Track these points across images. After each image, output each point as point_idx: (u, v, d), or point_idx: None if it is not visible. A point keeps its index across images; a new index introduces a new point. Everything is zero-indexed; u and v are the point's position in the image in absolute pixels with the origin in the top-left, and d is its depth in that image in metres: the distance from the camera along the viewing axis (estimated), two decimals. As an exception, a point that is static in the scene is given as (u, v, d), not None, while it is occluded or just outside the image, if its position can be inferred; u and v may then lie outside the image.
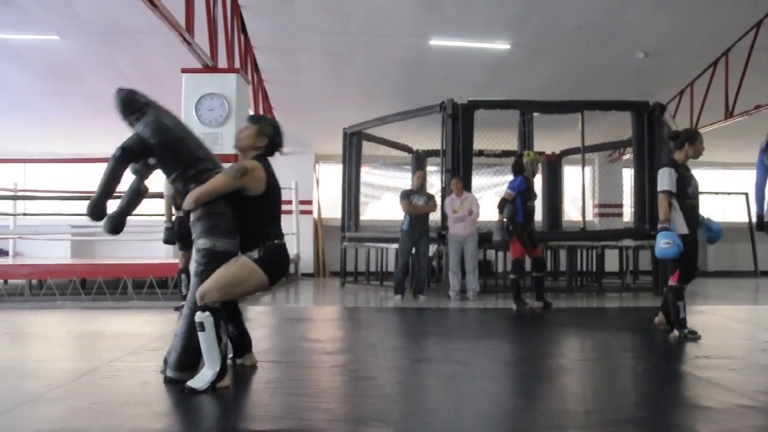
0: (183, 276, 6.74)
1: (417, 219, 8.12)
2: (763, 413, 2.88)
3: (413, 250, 8.16)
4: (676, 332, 4.87)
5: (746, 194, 14.11)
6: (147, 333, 5.25)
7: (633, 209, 9.28)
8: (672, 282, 4.98)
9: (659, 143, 8.84)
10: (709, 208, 14.52)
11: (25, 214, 10.95)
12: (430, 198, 8.33)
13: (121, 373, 3.61)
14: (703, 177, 15.09)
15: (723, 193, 14.80)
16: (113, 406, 2.86)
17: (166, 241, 6.72)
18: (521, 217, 6.90)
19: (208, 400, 2.95)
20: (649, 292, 8.83)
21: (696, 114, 10.94)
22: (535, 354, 4.45)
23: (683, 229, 4.88)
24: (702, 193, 14.71)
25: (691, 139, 5.18)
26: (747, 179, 14.14)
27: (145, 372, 3.63)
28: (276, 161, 12.93)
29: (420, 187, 8.35)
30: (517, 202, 6.87)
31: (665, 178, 4.96)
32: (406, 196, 8.18)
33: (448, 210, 8.17)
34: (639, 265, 10.24)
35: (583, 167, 9.28)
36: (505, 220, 6.96)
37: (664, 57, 10.05)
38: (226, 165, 7.40)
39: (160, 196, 7.04)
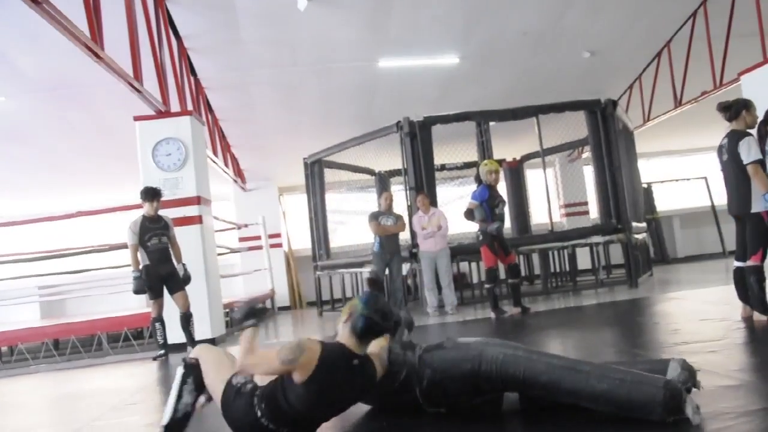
0: (157, 324, 6.65)
1: (387, 240, 8.13)
2: (745, 391, 2.93)
3: (387, 271, 8.17)
4: (764, 317, 4.63)
5: (705, 178, 14.42)
6: (127, 387, 5.14)
7: (598, 205, 9.42)
8: (755, 261, 4.65)
9: (615, 138, 9.01)
10: (672, 196, 14.86)
11: (-12, 281, 10.67)
12: (399, 218, 8.35)
13: (104, 431, 3.52)
14: (661, 166, 15.56)
15: (683, 180, 15.11)
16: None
17: (136, 291, 6.61)
18: (491, 221, 6.92)
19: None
20: (623, 285, 8.93)
21: (647, 106, 11.19)
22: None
23: None
24: (663, 181, 15.09)
25: (747, 105, 4.73)
26: (704, 163, 14.49)
27: (129, 427, 3.54)
28: (241, 198, 12.87)
29: (388, 208, 8.37)
30: (486, 211, 6.91)
31: (752, 148, 4.54)
32: (374, 217, 8.19)
33: (417, 227, 8.19)
34: (611, 260, 10.37)
35: (544, 170, 9.39)
36: (479, 224, 6.98)
37: (610, 54, 10.30)
38: (187, 209, 7.40)
39: (124, 246, 6.95)
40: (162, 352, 6.59)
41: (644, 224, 10.57)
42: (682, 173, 15.40)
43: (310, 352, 2.42)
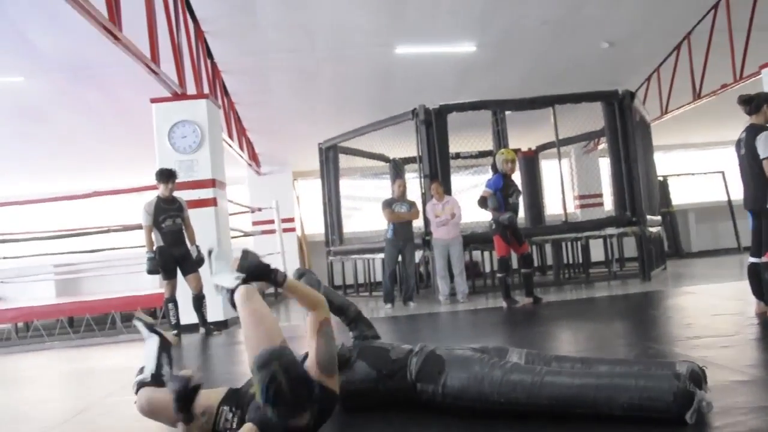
0: (170, 305, 6.72)
1: (401, 227, 8.13)
2: (757, 386, 2.92)
3: (399, 258, 8.19)
4: None
5: (723, 173, 14.29)
6: (138, 366, 5.19)
7: (613, 197, 9.36)
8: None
9: (632, 130, 8.94)
10: (688, 190, 14.75)
11: (5, 258, 10.80)
12: (412, 205, 8.34)
13: (115, 409, 3.56)
14: (678, 159, 15.42)
15: (700, 173, 14.98)
16: (110, 443, 2.82)
17: (150, 271, 6.69)
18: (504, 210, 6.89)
19: None
20: (635, 278, 8.89)
21: (665, 98, 11.09)
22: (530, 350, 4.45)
23: None
24: (679, 175, 14.99)
25: None
26: (722, 157, 14.35)
27: (140, 405, 3.58)
28: (255, 182, 12.95)
29: (401, 196, 8.36)
30: (499, 200, 6.88)
31: None
32: (388, 204, 8.19)
33: (431, 215, 8.18)
34: (624, 252, 10.33)
35: (560, 160, 9.35)
36: (492, 213, 6.95)
37: (629, 45, 10.20)
38: (202, 192, 7.44)
39: (139, 227, 7.01)
40: (175, 332, 6.66)
41: (659, 218, 10.51)
42: (698, 167, 15.26)
43: None
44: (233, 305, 2.72)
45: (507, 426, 2.50)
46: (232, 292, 2.71)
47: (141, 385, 2.79)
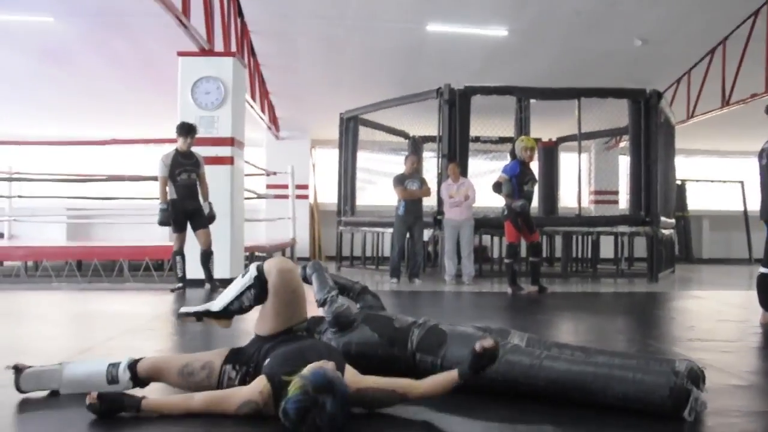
0: (178, 258, 6.77)
1: (412, 204, 8.13)
2: (754, 392, 2.92)
3: (408, 235, 8.21)
4: None
5: (742, 182, 14.15)
6: (143, 313, 5.27)
7: (629, 196, 9.30)
8: None
9: (655, 131, 8.85)
10: (705, 196, 14.63)
11: (20, 197, 10.93)
12: (423, 182, 8.34)
13: (116, 352, 3.60)
14: (698, 165, 15.27)
15: (719, 181, 14.85)
16: (106, 384, 2.85)
17: (161, 223, 6.73)
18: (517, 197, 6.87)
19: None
20: (643, 277, 8.87)
21: (693, 102, 10.96)
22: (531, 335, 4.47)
23: None
24: (698, 180, 14.85)
25: None
26: (743, 167, 14.20)
27: (140, 351, 3.62)
28: (272, 146, 13.00)
29: (413, 172, 8.34)
30: (514, 186, 6.85)
31: None
32: (400, 181, 8.17)
33: (445, 195, 8.18)
34: (634, 252, 10.28)
35: (579, 154, 9.28)
36: (505, 198, 6.93)
37: (662, 45, 10.05)
38: (220, 150, 7.44)
39: (154, 178, 7.05)
40: (180, 285, 6.72)
41: (673, 221, 10.44)
42: (718, 175, 15.12)
43: (266, 409, 2.24)
44: (257, 299, 2.67)
45: (501, 405, 2.52)
46: (258, 271, 2.67)
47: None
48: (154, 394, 2.46)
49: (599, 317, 5.54)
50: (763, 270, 4.73)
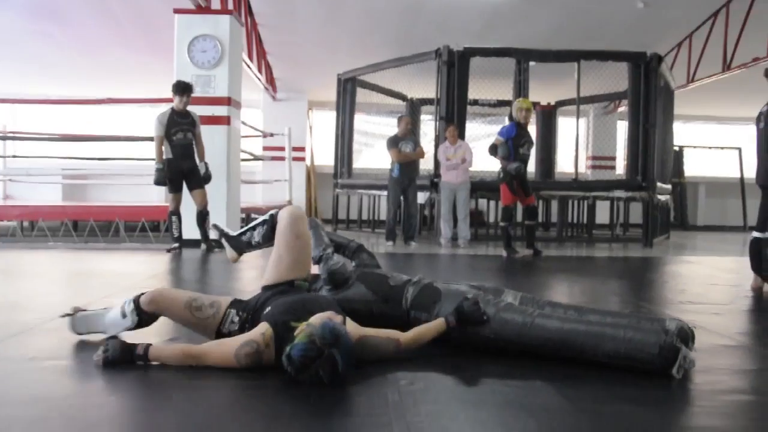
0: (174, 218, 6.78)
1: (406, 166, 8.12)
2: (742, 352, 2.97)
3: (402, 197, 8.21)
4: None
5: (739, 149, 14.14)
6: (140, 272, 5.29)
7: (626, 161, 9.29)
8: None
9: (655, 95, 8.80)
10: (702, 163, 14.63)
11: (15, 156, 10.87)
12: (417, 144, 8.32)
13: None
14: (696, 131, 15.22)
15: (716, 148, 14.83)
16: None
17: (157, 182, 6.73)
18: (513, 160, 6.86)
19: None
20: (638, 243, 8.91)
21: (693, 66, 10.87)
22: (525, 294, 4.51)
23: None
24: (696, 146, 14.80)
25: None
26: (741, 134, 14.18)
27: (137, 307, 3.66)
28: (269, 107, 12.86)
29: (406, 133, 8.30)
30: (510, 149, 6.84)
31: None
32: (394, 143, 8.14)
33: (442, 157, 8.16)
34: (629, 218, 10.31)
35: (578, 118, 9.25)
36: (500, 161, 6.93)
37: (664, 7, 9.91)
38: (216, 109, 7.39)
39: (150, 139, 7.01)
40: (176, 245, 6.74)
41: (669, 187, 10.45)
42: (716, 141, 15.08)
43: (265, 362, 2.27)
44: (267, 238, 2.87)
45: (493, 362, 2.55)
46: (272, 217, 2.86)
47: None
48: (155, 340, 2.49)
49: (593, 280, 5.59)
50: (755, 234, 4.75)
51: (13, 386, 2.20)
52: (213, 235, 3.16)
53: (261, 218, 2.99)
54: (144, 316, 2.61)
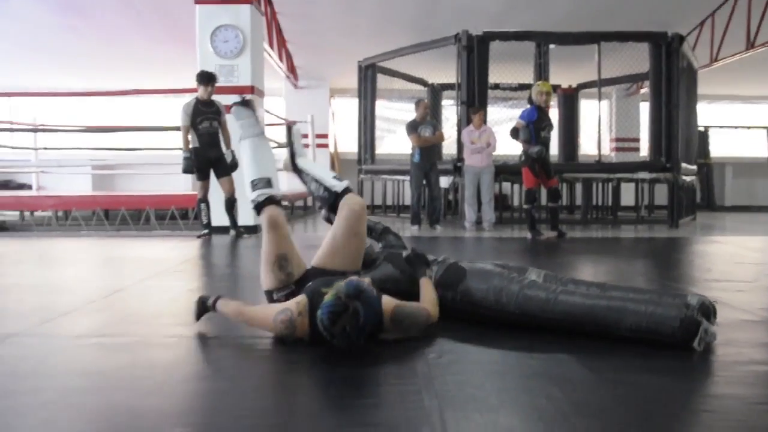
0: (203, 206, 6.92)
1: (426, 150, 8.17)
2: (763, 326, 3.00)
3: (425, 182, 8.28)
4: None
5: (767, 128, 13.95)
6: (172, 257, 5.44)
7: (649, 142, 9.24)
8: None
9: (677, 75, 8.74)
10: (729, 143, 14.46)
11: (45, 149, 11.11)
12: (436, 127, 8.36)
13: (151, 290, 3.78)
14: (722, 111, 15.04)
15: (743, 127, 14.64)
16: (147, 317, 3.03)
17: (185, 171, 6.86)
18: (534, 143, 6.89)
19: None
20: (663, 224, 8.89)
21: (716, 46, 10.75)
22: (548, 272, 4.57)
23: None
24: (721, 127, 14.61)
25: None
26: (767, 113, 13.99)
27: (173, 289, 3.80)
28: (291, 95, 12.94)
29: (424, 117, 8.34)
30: (531, 132, 6.87)
31: None
32: (413, 128, 8.17)
33: (466, 141, 8.20)
34: (654, 199, 10.28)
35: (600, 100, 9.21)
36: (522, 144, 6.97)
37: (686, -15, 9.83)
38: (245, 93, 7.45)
39: (176, 128, 7.15)
40: (206, 231, 6.89)
41: (695, 167, 10.38)
42: (742, 121, 14.89)
43: (301, 330, 2.39)
44: (329, 206, 2.87)
45: (518, 337, 2.63)
46: (336, 194, 2.84)
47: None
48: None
49: (618, 260, 5.62)
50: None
51: (65, 360, 2.35)
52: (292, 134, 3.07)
53: (329, 180, 2.91)
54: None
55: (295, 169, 3.03)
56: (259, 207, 2.76)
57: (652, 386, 2.08)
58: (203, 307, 2.69)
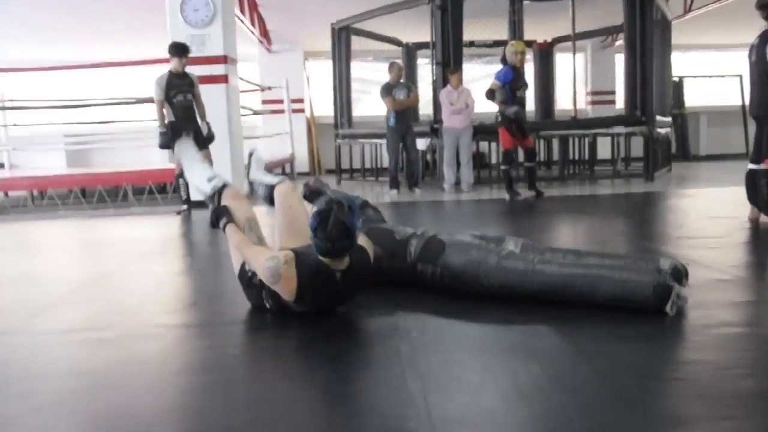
0: (181, 180, 6.88)
1: (402, 113, 8.14)
2: (735, 285, 3.11)
3: (402, 144, 8.28)
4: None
5: (740, 76, 14.02)
6: (152, 237, 5.45)
7: (624, 96, 9.28)
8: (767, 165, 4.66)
9: (651, 27, 8.74)
10: (703, 92, 14.54)
11: (15, 125, 10.91)
12: (411, 89, 8.33)
13: (135, 276, 3.80)
14: (696, 60, 15.05)
15: (716, 76, 14.71)
16: (133, 305, 3.05)
17: (162, 146, 6.78)
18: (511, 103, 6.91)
19: (227, 294, 3.14)
20: (639, 177, 8.99)
21: (689, -5, 10.73)
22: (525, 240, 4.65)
23: None
24: (695, 76, 14.60)
25: None
26: (741, 61, 14.03)
27: (158, 273, 3.82)
28: (265, 60, 12.72)
29: (398, 80, 8.29)
30: (507, 93, 6.87)
31: None
32: (387, 92, 8.12)
33: (445, 101, 8.17)
34: (631, 152, 10.36)
35: (574, 54, 9.22)
36: (498, 105, 6.98)
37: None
38: (213, 68, 7.37)
39: (150, 101, 7.06)
40: (185, 207, 6.87)
41: (669, 119, 10.45)
42: (716, 69, 14.95)
43: (286, 282, 2.46)
44: (269, 200, 3.07)
45: (497, 308, 2.71)
46: (272, 187, 3.06)
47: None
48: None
49: (594, 219, 5.71)
50: (751, 166, 4.84)
51: (54, 359, 2.37)
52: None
53: (269, 179, 3.14)
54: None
55: (250, 185, 3.30)
56: (220, 191, 3.02)
57: (627, 356, 2.17)
58: (216, 222, 2.90)
